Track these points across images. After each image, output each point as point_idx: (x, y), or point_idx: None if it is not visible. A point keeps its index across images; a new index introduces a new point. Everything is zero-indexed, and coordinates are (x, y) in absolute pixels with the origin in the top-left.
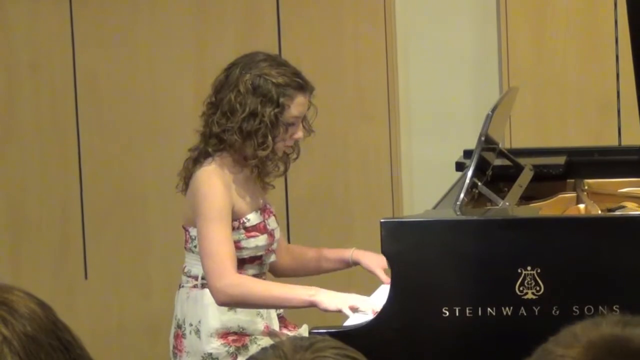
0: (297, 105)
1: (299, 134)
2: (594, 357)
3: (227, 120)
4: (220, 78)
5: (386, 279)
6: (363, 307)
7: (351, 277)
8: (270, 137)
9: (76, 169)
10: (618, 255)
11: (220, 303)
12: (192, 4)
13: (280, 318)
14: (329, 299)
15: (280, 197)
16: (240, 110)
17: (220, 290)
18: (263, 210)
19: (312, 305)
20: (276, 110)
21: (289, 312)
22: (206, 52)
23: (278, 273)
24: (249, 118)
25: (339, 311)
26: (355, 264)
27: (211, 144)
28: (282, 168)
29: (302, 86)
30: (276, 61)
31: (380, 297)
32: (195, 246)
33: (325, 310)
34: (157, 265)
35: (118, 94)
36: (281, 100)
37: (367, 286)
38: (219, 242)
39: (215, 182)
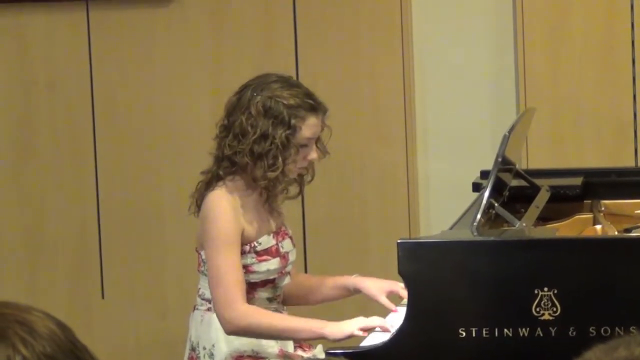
0: (309, 127)
1: (313, 155)
2: None
3: (238, 142)
4: (232, 100)
5: (390, 306)
6: (372, 323)
7: (366, 305)
8: (280, 159)
9: (93, 188)
10: (635, 276)
11: (229, 333)
12: (210, 23)
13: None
14: (337, 328)
15: (297, 218)
16: (252, 132)
17: (228, 320)
18: (277, 233)
19: (322, 337)
20: (287, 132)
21: None
22: (223, 72)
23: (283, 302)
24: (260, 140)
25: (350, 336)
26: (357, 291)
27: (223, 166)
28: (297, 190)
29: (315, 107)
30: (288, 82)
31: (394, 318)
32: (207, 269)
33: (336, 340)
34: (174, 285)
35: (135, 112)
36: (293, 121)
37: (380, 309)
38: (227, 269)
39: (225, 206)
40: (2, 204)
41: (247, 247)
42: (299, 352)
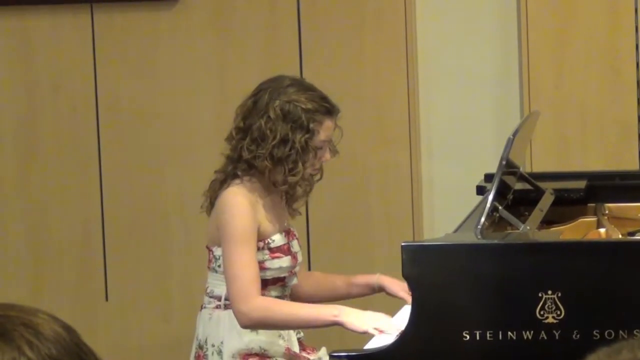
0: (325, 130)
1: (327, 156)
2: None
3: (257, 146)
4: (248, 104)
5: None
6: (389, 329)
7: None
8: (300, 163)
9: (97, 191)
10: (639, 279)
11: (244, 326)
12: (214, 25)
13: (299, 341)
14: (356, 319)
15: (301, 220)
16: (271, 137)
17: (245, 313)
18: (287, 232)
19: (337, 324)
20: (306, 136)
21: (307, 334)
22: (228, 74)
23: (298, 299)
24: (279, 144)
25: (365, 332)
26: (381, 289)
27: (240, 168)
28: (307, 188)
29: (330, 110)
30: (303, 86)
31: (404, 318)
32: (219, 266)
33: (352, 331)
34: (178, 287)
35: (139, 115)
36: (311, 125)
37: (387, 306)
38: (243, 265)
39: (242, 202)
40: (7, 205)
41: (261, 244)
42: (304, 355)
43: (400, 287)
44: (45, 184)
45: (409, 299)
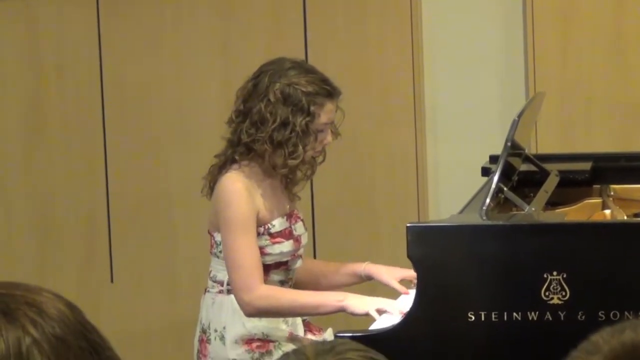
0: (326, 113)
1: (328, 139)
2: None
3: (257, 129)
4: (248, 86)
5: (402, 289)
6: (390, 309)
7: (375, 285)
8: (301, 146)
9: (102, 173)
10: None
11: (249, 315)
12: (219, 9)
13: (305, 323)
14: (357, 302)
15: (306, 202)
16: (271, 120)
17: (248, 303)
18: (290, 215)
19: (342, 310)
20: (307, 119)
21: (313, 317)
22: (232, 57)
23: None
24: (279, 128)
25: (367, 315)
26: (369, 278)
27: (239, 152)
28: (309, 172)
29: (331, 93)
30: (304, 68)
31: (406, 300)
32: (220, 251)
33: (353, 314)
34: (183, 269)
35: (144, 97)
36: (312, 108)
37: (391, 292)
38: (244, 252)
39: (239, 188)
40: (12, 188)
41: (261, 229)
42: (309, 336)
43: (388, 275)
44: (51, 167)
45: (400, 287)
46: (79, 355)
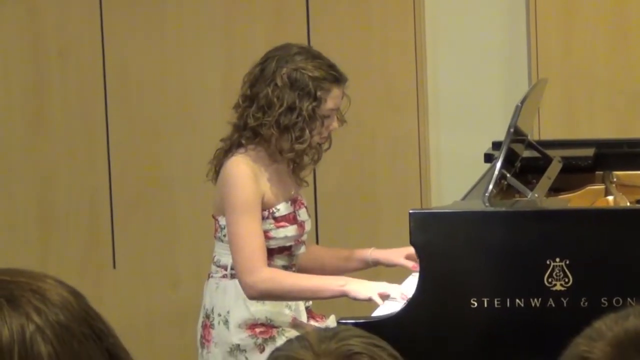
0: (333, 98)
1: (335, 125)
2: (619, 352)
3: (263, 114)
4: (255, 71)
5: (412, 264)
6: (393, 293)
7: (379, 269)
8: (307, 131)
9: (105, 159)
10: None
11: (252, 298)
12: None
13: (308, 310)
14: (359, 287)
15: (309, 189)
16: (278, 105)
17: (251, 285)
18: (294, 201)
19: (344, 295)
20: (314, 103)
21: (316, 302)
22: (235, 43)
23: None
24: (286, 112)
25: (369, 299)
26: (376, 263)
27: (245, 136)
28: (315, 156)
29: (338, 78)
30: (311, 54)
31: (410, 285)
32: (224, 235)
33: (355, 299)
34: (186, 255)
35: (147, 81)
36: (318, 93)
37: (394, 277)
38: (248, 235)
39: (245, 171)
40: (14, 173)
41: (266, 213)
42: (312, 322)
43: (396, 256)
44: (53, 151)
45: (409, 263)
46: (82, 342)
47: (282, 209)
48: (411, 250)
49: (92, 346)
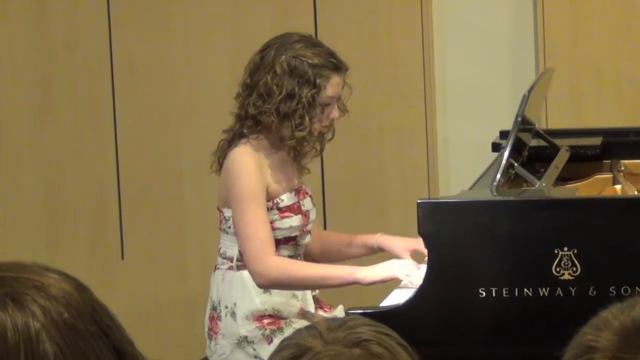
0: (332, 86)
1: (335, 113)
2: (625, 341)
3: (263, 102)
4: (255, 60)
5: (414, 263)
6: (408, 270)
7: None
8: (307, 118)
9: (112, 149)
10: None
11: (261, 286)
12: None
13: (316, 300)
14: (368, 273)
15: (316, 178)
16: (277, 92)
17: (260, 274)
18: (298, 191)
19: (354, 282)
20: (313, 91)
21: (324, 293)
22: (242, 32)
23: (307, 259)
24: (286, 99)
25: (382, 281)
26: (381, 249)
27: (247, 125)
28: (318, 148)
29: (337, 66)
30: (310, 42)
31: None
32: (229, 227)
33: (368, 284)
34: (194, 246)
35: (154, 72)
36: (318, 81)
37: None
38: (256, 224)
39: (248, 162)
40: (22, 165)
41: (270, 204)
42: (320, 313)
43: (402, 249)
44: (61, 143)
45: (409, 259)
46: (88, 339)
47: (286, 199)
48: (418, 244)
49: (98, 344)
